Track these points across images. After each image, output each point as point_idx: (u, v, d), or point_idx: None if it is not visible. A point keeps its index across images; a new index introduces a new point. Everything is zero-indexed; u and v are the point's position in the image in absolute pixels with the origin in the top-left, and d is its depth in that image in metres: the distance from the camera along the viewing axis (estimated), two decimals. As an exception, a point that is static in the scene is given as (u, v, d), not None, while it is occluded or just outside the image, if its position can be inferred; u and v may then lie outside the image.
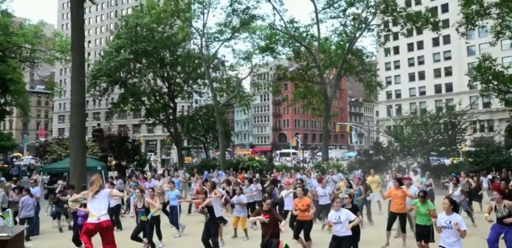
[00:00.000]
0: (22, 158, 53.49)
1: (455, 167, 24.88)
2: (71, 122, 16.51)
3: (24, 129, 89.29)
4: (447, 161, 30.85)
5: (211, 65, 33.84)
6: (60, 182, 15.95)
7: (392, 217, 9.98)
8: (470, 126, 32.90)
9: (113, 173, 22.74)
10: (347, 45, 31.38)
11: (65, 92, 52.45)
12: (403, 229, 9.84)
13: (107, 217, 7.52)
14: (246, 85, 54.66)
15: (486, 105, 55.80)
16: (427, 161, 27.56)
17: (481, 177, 17.63)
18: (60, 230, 12.58)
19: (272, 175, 19.99)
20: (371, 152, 30.14)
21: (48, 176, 21.04)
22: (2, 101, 35.29)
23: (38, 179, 18.94)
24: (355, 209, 8.66)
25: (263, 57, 33.60)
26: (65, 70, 76.65)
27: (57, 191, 13.72)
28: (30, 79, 75.85)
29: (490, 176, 19.12)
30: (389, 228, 9.88)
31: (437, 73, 64.82)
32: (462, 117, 27.26)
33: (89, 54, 68.11)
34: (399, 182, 10.09)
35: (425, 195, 8.69)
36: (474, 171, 20.67)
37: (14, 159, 48.77)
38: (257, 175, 19.41)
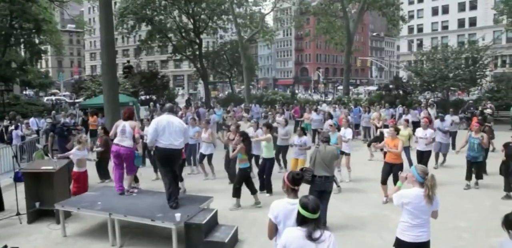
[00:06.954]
0: (60, 94, 54.64)
1: (474, 102, 23.78)
2: (102, 60, 16.26)
3: (59, 67, 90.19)
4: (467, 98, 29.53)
5: (235, 1, 32.33)
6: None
7: None
8: (492, 62, 31.12)
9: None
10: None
11: (94, 31, 51.63)
12: None
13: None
14: (270, 20, 52.67)
15: (510, 40, 52.61)
16: (446, 96, 26.68)
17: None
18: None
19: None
20: (391, 86, 29.25)
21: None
22: (37, 41, 35.27)
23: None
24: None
25: (286, -9, 31.99)
26: (93, 8, 74.98)
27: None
28: (61, 19, 74.69)
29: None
30: None
31: (461, 7, 60.59)
32: (484, 52, 25.49)
33: (114, -9, 65.76)
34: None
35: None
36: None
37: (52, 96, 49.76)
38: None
